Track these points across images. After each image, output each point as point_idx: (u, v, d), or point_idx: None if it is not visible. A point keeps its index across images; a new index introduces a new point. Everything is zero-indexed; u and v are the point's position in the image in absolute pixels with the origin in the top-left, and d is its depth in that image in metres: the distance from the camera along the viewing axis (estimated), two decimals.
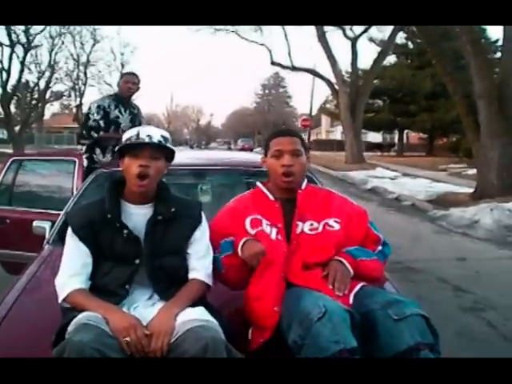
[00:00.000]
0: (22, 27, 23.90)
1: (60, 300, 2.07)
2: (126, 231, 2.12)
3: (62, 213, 3.45)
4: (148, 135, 2.12)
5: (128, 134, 2.17)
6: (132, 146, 2.12)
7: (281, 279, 2.16)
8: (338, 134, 47.29)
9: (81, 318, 1.89)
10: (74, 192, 4.35)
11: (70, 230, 2.18)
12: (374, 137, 47.04)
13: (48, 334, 1.95)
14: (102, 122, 4.93)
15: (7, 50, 24.33)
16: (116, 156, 2.34)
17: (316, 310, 1.82)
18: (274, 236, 2.25)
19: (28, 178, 5.26)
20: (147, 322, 1.97)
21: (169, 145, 2.20)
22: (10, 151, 22.33)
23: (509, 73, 11.68)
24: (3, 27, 22.99)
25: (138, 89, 5.19)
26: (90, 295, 2.05)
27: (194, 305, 2.08)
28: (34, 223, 3.63)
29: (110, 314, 1.92)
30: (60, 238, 3.04)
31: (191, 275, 2.20)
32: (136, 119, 5.16)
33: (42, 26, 24.99)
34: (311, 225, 2.30)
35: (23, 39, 24.31)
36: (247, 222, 2.31)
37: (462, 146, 21.23)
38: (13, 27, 23.34)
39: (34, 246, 3.50)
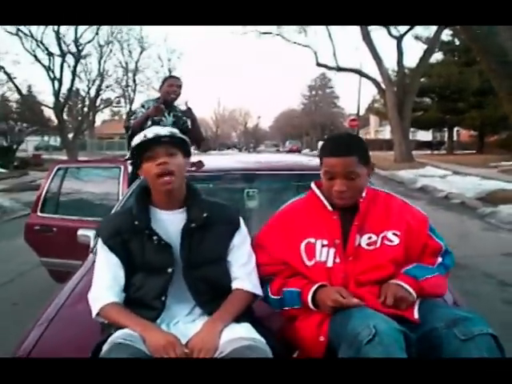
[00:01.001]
0: (72, 37, 24.82)
1: (93, 315, 1.98)
2: (155, 238, 2.01)
3: None
4: (155, 133, 2.04)
5: (135, 141, 2.07)
6: (143, 147, 2.03)
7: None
8: (386, 133, 47.04)
9: (116, 336, 1.80)
10: (120, 198, 4.23)
11: (100, 241, 2.10)
12: (424, 135, 46.65)
13: (87, 348, 1.88)
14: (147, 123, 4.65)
15: (58, 60, 25.23)
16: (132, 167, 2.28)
17: (365, 331, 1.68)
18: (330, 262, 2.07)
19: (74, 185, 5.15)
20: (188, 339, 1.87)
21: (179, 135, 2.10)
22: (65, 158, 23.26)
23: None
24: (54, 37, 23.89)
25: (180, 93, 4.96)
26: (125, 310, 1.95)
27: (239, 319, 1.96)
28: (79, 232, 3.55)
29: (147, 332, 1.83)
30: None
31: (235, 285, 2.08)
32: (180, 121, 4.93)
33: (92, 35, 25.89)
34: (369, 238, 2.10)
35: (73, 49, 25.17)
36: (302, 248, 2.12)
37: None
38: (63, 37, 24.25)
39: (79, 254, 3.44)
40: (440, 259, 2.18)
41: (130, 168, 4.60)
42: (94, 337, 1.96)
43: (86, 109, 29.70)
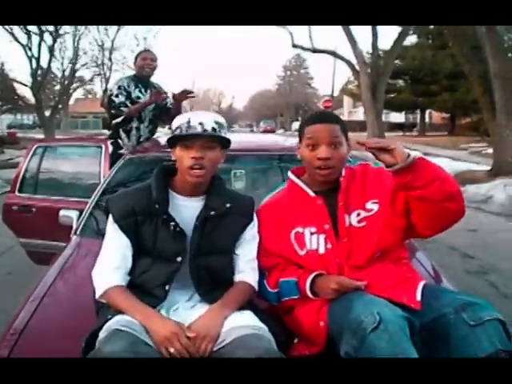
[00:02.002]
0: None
1: (97, 296, 1.93)
2: (172, 223, 1.94)
3: (89, 201, 3.30)
4: (200, 123, 1.91)
5: (177, 122, 1.96)
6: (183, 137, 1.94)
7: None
8: (360, 114, 47.31)
9: (113, 323, 1.74)
10: (101, 178, 4.23)
11: (110, 218, 2.01)
12: (397, 117, 47.04)
13: (79, 333, 1.83)
14: (128, 102, 4.50)
15: (35, 39, 24.90)
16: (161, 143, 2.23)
17: (370, 318, 1.65)
18: (322, 249, 2.04)
19: (53, 164, 4.96)
20: (188, 324, 1.84)
21: (223, 133, 1.99)
22: (40, 136, 23.00)
23: None
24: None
25: (155, 67, 4.74)
26: (129, 296, 1.88)
27: (242, 308, 1.94)
28: (61, 212, 3.48)
29: (150, 321, 1.77)
30: (89, 228, 3.08)
31: (239, 277, 2.05)
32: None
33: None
34: (358, 215, 2.06)
35: (51, 27, 24.86)
36: (292, 238, 2.09)
37: (483, 125, 21.44)
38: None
39: (60, 235, 3.43)
40: None
41: (110, 147, 4.58)
42: (86, 317, 1.98)
43: (60, 87, 29.25)
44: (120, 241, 1.98)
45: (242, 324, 1.80)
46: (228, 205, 2.02)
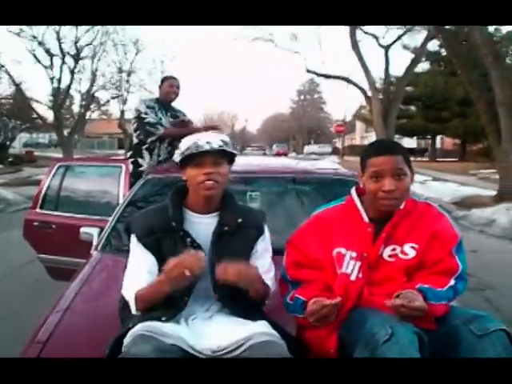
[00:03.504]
0: (73, 38, 25.10)
1: (133, 311, 2.02)
2: (189, 239, 2.05)
3: (109, 219, 3.38)
4: (207, 142, 2.04)
5: (186, 144, 2.08)
6: (193, 155, 2.05)
7: (347, 312, 2.03)
8: (372, 139, 47.71)
9: (137, 329, 1.83)
10: (120, 197, 4.37)
11: (134, 238, 2.11)
12: (408, 142, 47.18)
13: (103, 343, 1.90)
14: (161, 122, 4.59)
15: (56, 60, 25.53)
16: (173, 163, 2.30)
17: (382, 331, 1.72)
18: (354, 276, 2.06)
19: (74, 183, 5.07)
20: (204, 336, 1.92)
21: (229, 149, 2.11)
22: (55, 155, 23.50)
23: None
24: (55, 39, 24.18)
25: (178, 94, 4.85)
26: (150, 285, 1.99)
27: (256, 318, 2.02)
28: (82, 229, 3.58)
29: (168, 275, 1.90)
30: (109, 245, 3.17)
31: None
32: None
33: (91, 38, 26.13)
34: (393, 250, 2.07)
35: (73, 50, 25.51)
36: (334, 256, 2.11)
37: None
38: (63, 39, 24.58)
39: (78, 251, 3.51)
40: (452, 282, 2.08)
41: (131, 167, 4.65)
42: (109, 328, 2.05)
43: (79, 108, 29.74)
44: (146, 259, 2.06)
45: (256, 331, 1.87)
46: (240, 220, 2.13)
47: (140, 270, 2.05)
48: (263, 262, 2.17)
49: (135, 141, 4.73)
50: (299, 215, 2.38)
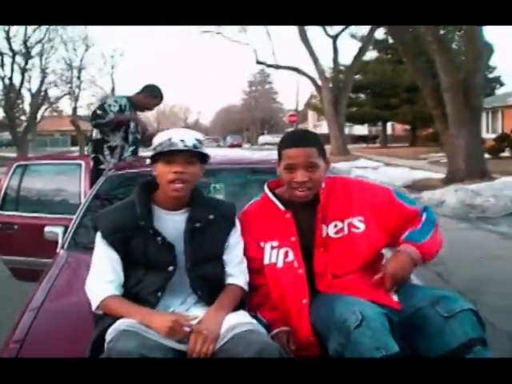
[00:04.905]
0: (22, 38, 24.73)
1: (93, 308, 1.99)
2: (159, 238, 2.02)
3: (73, 217, 3.31)
4: (181, 140, 1.99)
5: (160, 139, 2.03)
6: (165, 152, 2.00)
7: (301, 305, 2.04)
8: (324, 128, 48.02)
9: (119, 324, 1.82)
10: (82, 195, 4.32)
11: (99, 235, 2.07)
12: (360, 130, 48.00)
13: (80, 341, 1.91)
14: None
15: (7, 59, 25.15)
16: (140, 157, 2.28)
17: (352, 317, 1.74)
18: (280, 262, 2.10)
19: (34, 182, 4.97)
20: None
21: (203, 149, 2.07)
22: (9, 154, 23.01)
23: (472, 67, 12.93)
24: (4, 38, 23.79)
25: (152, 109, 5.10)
26: (125, 301, 1.96)
27: (235, 309, 2.02)
28: (46, 228, 3.51)
29: (149, 319, 1.84)
30: (75, 243, 3.12)
31: (230, 280, 2.12)
32: (139, 126, 5.02)
33: (41, 36, 25.74)
34: (335, 226, 2.12)
35: (23, 49, 25.12)
36: (259, 249, 2.17)
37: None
38: (13, 38, 24.17)
39: (43, 251, 3.48)
40: (423, 216, 2.18)
41: (91, 163, 4.64)
42: (85, 325, 2.03)
43: (31, 106, 29.23)
44: (110, 256, 2.03)
45: (238, 322, 1.87)
46: (211, 216, 2.09)
47: (103, 269, 2.02)
48: (236, 254, 2.15)
49: (95, 136, 4.75)
50: None
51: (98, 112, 4.68)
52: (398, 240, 2.13)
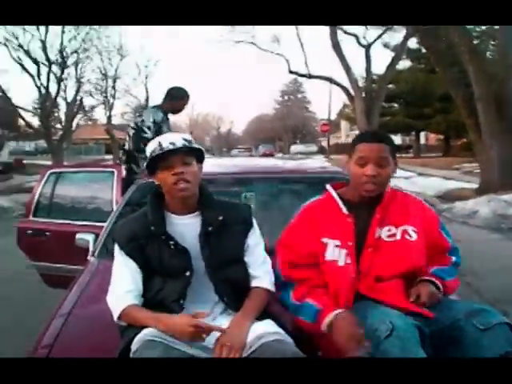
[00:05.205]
0: (58, 47, 25.22)
1: (115, 318, 2.00)
2: (172, 242, 2.04)
3: (105, 225, 3.37)
4: (171, 142, 2.03)
5: (150, 148, 2.09)
6: (159, 157, 2.04)
7: (347, 307, 2.04)
8: None
9: (144, 335, 1.83)
10: (114, 203, 4.38)
11: (116, 246, 2.11)
12: (394, 139, 47.63)
13: (107, 349, 1.94)
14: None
15: (44, 69, 25.65)
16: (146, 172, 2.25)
17: (383, 326, 1.76)
18: (342, 261, 2.12)
19: (66, 189, 5.06)
20: (212, 339, 1.88)
21: (194, 145, 2.10)
22: (43, 162, 23.45)
23: (505, 78, 12.81)
24: (40, 48, 24.27)
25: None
26: (143, 310, 1.97)
27: (261, 318, 2.01)
28: (77, 236, 3.56)
29: (169, 327, 1.84)
30: (106, 251, 3.09)
31: (254, 283, 2.12)
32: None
33: (77, 46, 26.22)
34: (389, 230, 2.16)
35: (59, 59, 25.55)
36: (321, 243, 2.18)
37: None
38: (49, 48, 24.68)
39: (74, 258, 3.52)
40: (453, 258, 2.29)
41: (124, 172, 4.75)
42: (112, 333, 2.06)
43: (67, 115, 29.76)
44: (128, 266, 2.06)
45: (265, 331, 1.87)
46: (220, 217, 2.10)
47: (122, 279, 2.06)
48: (257, 254, 2.17)
49: (131, 148, 4.83)
50: (292, 214, 2.39)
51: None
52: (424, 268, 2.19)
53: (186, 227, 2.09)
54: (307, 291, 2.13)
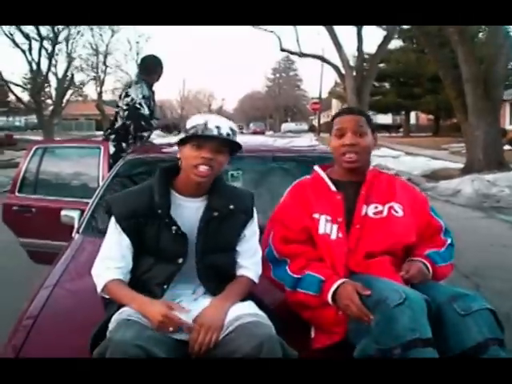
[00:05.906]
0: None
1: (98, 291, 1.97)
2: (174, 227, 1.97)
3: (90, 201, 3.33)
4: (217, 126, 1.93)
5: (193, 122, 1.96)
6: (197, 136, 1.93)
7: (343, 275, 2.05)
8: None
9: (121, 313, 1.82)
10: (100, 179, 4.30)
11: (113, 218, 2.02)
12: (384, 118, 47.68)
13: (87, 328, 1.90)
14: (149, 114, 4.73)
15: (35, 44, 25.52)
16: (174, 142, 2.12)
17: (395, 295, 1.73)
18: (334, 235, 2.13)
19: (53, 165, 4.93)
20: (190, 318, 1.86)
21: (236, 139, 2.00)
22: (33, 138, 23.21)
23: (493, 59, 12.90)
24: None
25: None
26: (125, 287, 1.94)
27: (242, 300, 1.99)
28: (62, 212, 3.52)
29: (143, 309, 1.80)
30: (91, 228, 3.13)
31: (241, 272, 2.10)
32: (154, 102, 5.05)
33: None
34: (376, 208, 2.18)
35: (51, 34, 25.46)
36: (312, 219, 2.19)
37: None
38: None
39: (60, 235, 3.47)
40: (449, 240, 2.29)
41: (112, 149, 4.66)
42: (95, 309, 2.06)
43: (58, 90, 29.59)
44: (120, 241, 1.99)
45: (243, 312, 1.84)
46: (231, 206, 2.05)
47: (112, 253, 2.00)
48: (250, 245, 2.13)
49: (122, 126, 4.79)
50: (281, 192, 2.39)
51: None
52: (418, 250, 2.20)
53: (190, 210, 2.03)
54: (306, 264, 2.12)
